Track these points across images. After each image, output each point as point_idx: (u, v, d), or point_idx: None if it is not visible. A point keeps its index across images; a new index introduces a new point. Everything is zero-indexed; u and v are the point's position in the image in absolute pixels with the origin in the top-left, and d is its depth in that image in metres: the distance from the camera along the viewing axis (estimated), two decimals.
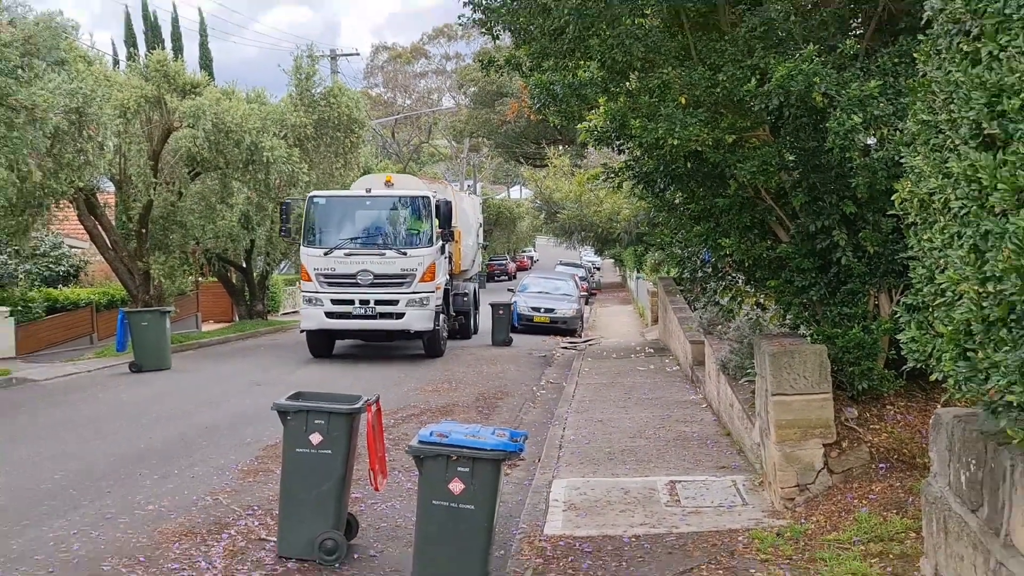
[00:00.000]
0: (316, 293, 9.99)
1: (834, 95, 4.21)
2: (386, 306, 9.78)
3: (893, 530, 3.73)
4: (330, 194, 10.95)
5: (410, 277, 9.86)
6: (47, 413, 7.36)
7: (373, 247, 10.12)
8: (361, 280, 9.79)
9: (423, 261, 9.90)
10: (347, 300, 9.82)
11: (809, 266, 4.73)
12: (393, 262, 9.89)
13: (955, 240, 2.15)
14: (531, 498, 4.59)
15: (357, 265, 9.86)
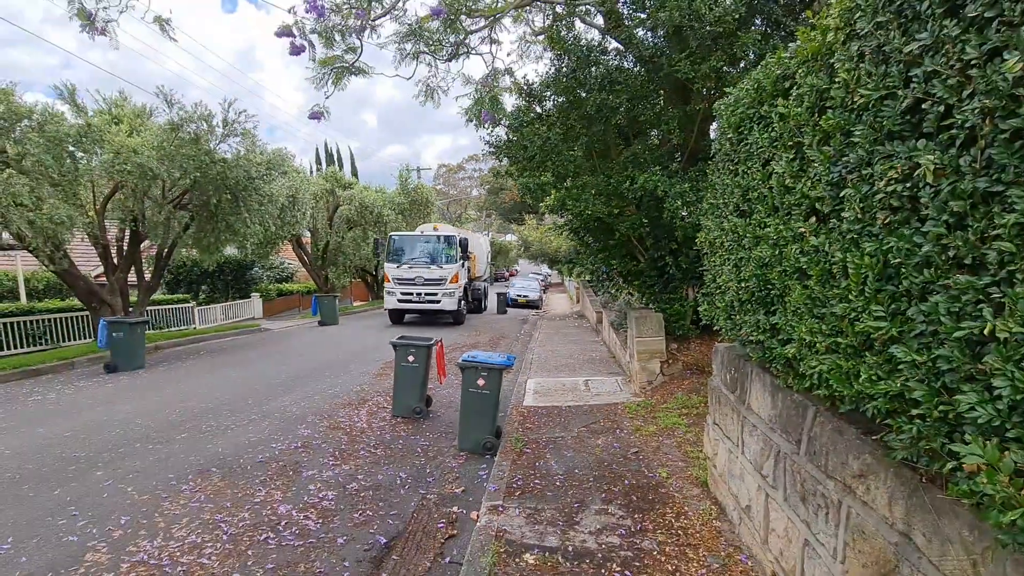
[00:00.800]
0: (392, 288, 16.05)
1: (667, 191, 6.70)
2: (430, 296, 15.68)
3: (693, 403, 6.00)
4: (402, 234, 17.21)
5: (444, 280, 15.79)
6: (275, 346, 12.65)
7: (424, 263, 15.99)
8: (416, 282, 15.81)
9: (451, 271, 15.85)
10: (408, 293, 15.82)
11: (654, 274, 7.85)
12: (435, 271, 15.82)
13: (726, 262, 3.21)
14: (516, 388, 7.43)
15: (415, 273, 15.86)
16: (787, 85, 2.53)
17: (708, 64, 6.46)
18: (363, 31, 7.49)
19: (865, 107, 1.80)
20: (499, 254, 56.08)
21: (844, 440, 2.17)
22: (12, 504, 4.05)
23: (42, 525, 3.73)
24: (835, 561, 2.21)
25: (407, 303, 15.89)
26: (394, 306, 16.16)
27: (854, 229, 1.86)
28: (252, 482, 4.48)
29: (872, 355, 1.78)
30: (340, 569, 3.24)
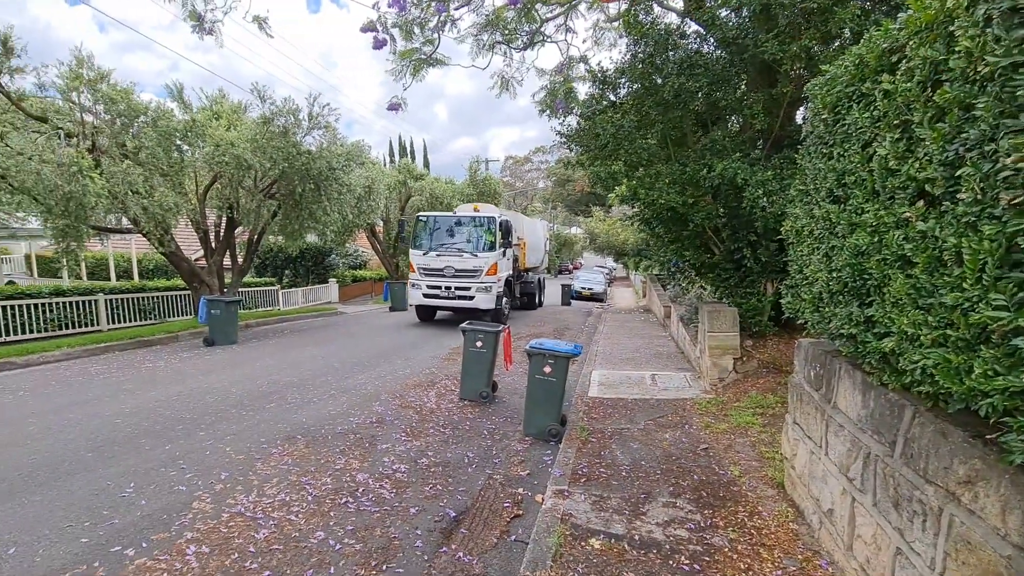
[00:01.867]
0: (418, 280, 13.37)
1: (748, 179, 6.34)
2: (462, 291, 12.92)
3: (769, 402, 5.73)
4: (430, 214, 14.15)
5: (479, 272, 12.87)
6: (350, 328, 13.61)
7: (455, 250, 13.16)
8: (446, 273, 13.01)
9: (488, 261, 12.95)
10: (436, 286, 13.11)
11: (729, 267, 7.42)
12: (467, 261, 12.92)
13: (815, 251, 3.03)
14: (581, 379, 7.42)
15: (444, 262, 13.03)
16: (894, 59, 2.33)
17: (798, 43, 6.06)
18: (443, 25, 7.67)
19: (991, 77, 1.64)
20: (564, 246, 56.39)
21: (948, 442, 2.00)
22: (133, 455, 4.60)
23: (157, 475, 4.20)
24: (933, 572, 2.05)
25: (434, 298, 13.37)
26: (419, 301, 13.57)
27: (971, 211, 1.70)
28: (333, 450, 4.80)
29: (989, 348, 1.63)
30: (413, 537, 3.41)
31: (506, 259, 14.04)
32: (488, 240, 13.32)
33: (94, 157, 9.68)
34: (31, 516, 3.53)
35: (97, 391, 6.76)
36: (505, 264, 14.02)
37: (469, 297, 13.02)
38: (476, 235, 13.48)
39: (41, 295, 10.60)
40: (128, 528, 3.41)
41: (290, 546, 3.24)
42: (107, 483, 4.03)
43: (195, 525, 3.45)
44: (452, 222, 13.80)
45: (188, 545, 3.22)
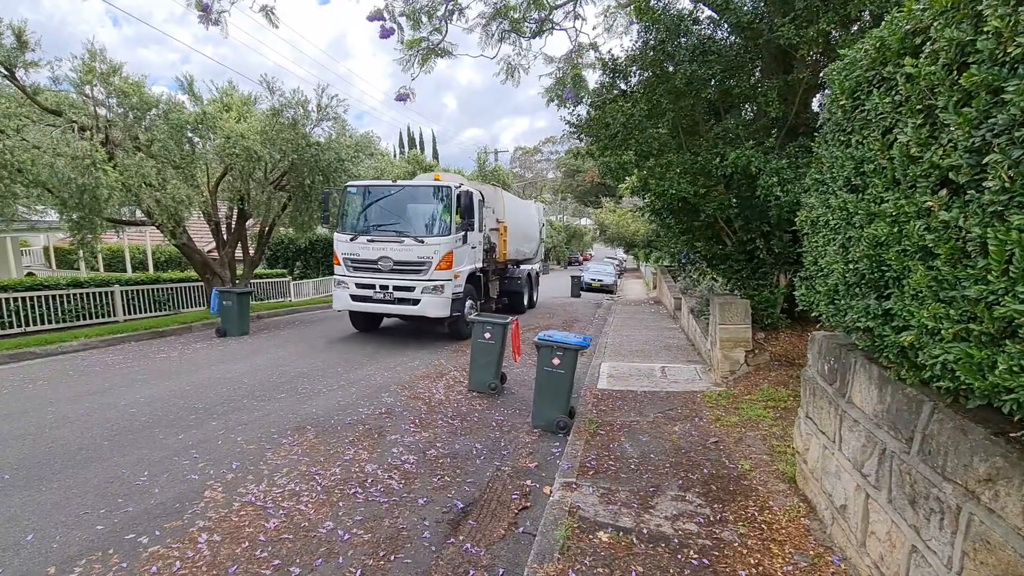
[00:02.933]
0: (344, 277, 9.86)
1: (761, 168, 6.25)
2: (403, 292, 9.47)
3: (781, 396, 5.64)
4: (362, 183, 10.44)
5: (426, 265, 9.38)
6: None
7: (393, 235, 9.68)
8: (382, 266, 9.59)
9: (439, 249, 9.40)
10: (369, 284, 9.65)
11: (742, 259, 7.33)
12: (410, 250, 9.44)
13: (831, 242, 2.96)
14: (590, 371, 7.39)
15: (379, 251, 9.60)
16: (918, 41, 2.24)
17: (816, 27, 5.89)
18: (451, 14, 7.58)
19: (1022, 58, 1.56)
20: (574, 238, 56.22)
21: (969, 440, 1.94)
22: (147, 444, 4.66)
23: (170, 464, 4.26)
24: (949, 571, 2.00)
25: (365, 302, 9.78)
26: (346, 305, 9.97)
27: (999, 200, 1.63)
28: (342, 441, 4.83)
29: (1015, 343, 1.56)
30: (421, 528, 3.42)
31: (469, 247, 10.49)
32: (441, 220, 9.69)
33: (107, 150, 9.77)
34: (49, 503, 3.59)
35: (113, 381, 6.86)
36: (468, 254, 10.46)
37: (412, 301, 9.51)
38: (424, 213, 9.88)
39: (59, 287, 10.77)
40: (142, 516, 3.46)
41: (300, 535, 3.27)
42: (122, 471, 4.09)
43: (207, 514, 3.49)
44: (391, 195, 10.14)
45: (200, 533, 3.25)
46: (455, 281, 9.84)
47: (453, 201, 9.79)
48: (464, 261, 10.33)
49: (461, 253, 10.13)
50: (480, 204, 11.05)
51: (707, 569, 2.84)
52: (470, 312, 10.45)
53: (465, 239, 10.18)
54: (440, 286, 9.57)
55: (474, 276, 11.02)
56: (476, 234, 10.90)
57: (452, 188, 9.79)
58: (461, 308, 10.15)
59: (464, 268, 10.31)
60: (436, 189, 9.94)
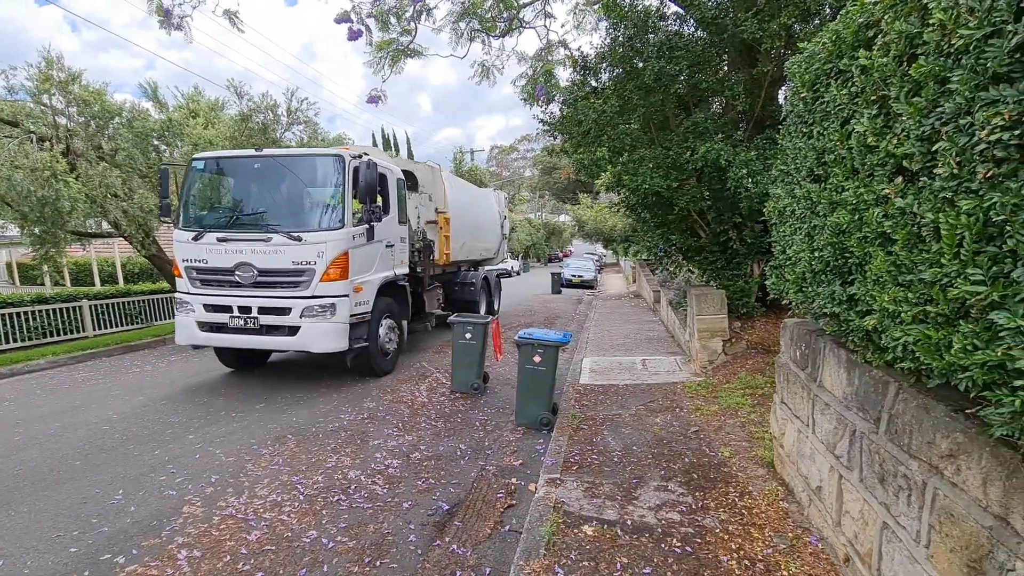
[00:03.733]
0: (188, 296, 6.69)
1: (731, 160, 6.48)
2: (273, 316, 6.45)
3: (758, 383, 5.79)
4: (212, 154, 7.43)
5: (307, 274, 6.38)
6: None
7: (256, 230, 6.56)
8: (241, 277, 6.47)
9: (327, 250, 6.36)
10: (222, 307, 6.57)
11: (716, 250, 7.51)
12: (282, 252, 6.38)
13: (797, 231, 3.04)
14: (572, 367, 7.41)
15: (235, 256, 6.47)
16: (870, 34, 2.31)
17: (778, 21, 6.03)
18: (419, 15, 7.53)
19: (965, 49, 1.62)
20: (553, 235, 56.52)
21: (931, 418, 2.02)
22: (121, 461, 4.54)
23: (146, 480, 4.15)
24: (918, 545, 2.08)
25: (218, 332, 6.74)
26: (188, 339, 6.85)
27: (948, 186, 1.70)
28: (324, 448, 4.77)
29: (968, 323, 1.63)
30: (406, 531, 3.41)
31: (382, 245, 7.34)
32: (331, 207, 6.64)
33: (69, 161, 9.43)
34: (18, 527, 3.47)
35: (83, 398, 6.65)
36: (379, 256, 7.27)
37: (287, 329, 6.51)
38: (303, 198, 6.87)
39: (23, 303, 10.39)
40: (118, 535, 3.37)
41: (282, 546, 3.22)
42: (95, 491, 3.98)
43: (186, 529, 3.42)
44: (251, 168, 7.05)
45: (179, 550, 3.18)
46: (355, 296, 6.65)
47: (347, 178, 6.55)
48: (372, 266, 7.08)
49: (365, 254, 6.89)
50: (400, 186, 7.91)
51: (690, 557, 2.90)
52: (389, 338, 7.57)
53: (371, 234, 6.89)
54: (330, 305, 6.39)
55: (393, 286, 7.76)
56: (394, 226, 7.68)
57: (345, 159, 6.62)
58: (369, 334, 6.92)
59: (372, 276, 7.07)
60: (320, 161, 6.81)
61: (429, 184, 9.77)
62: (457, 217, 10.54)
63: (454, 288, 11.29)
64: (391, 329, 7.70)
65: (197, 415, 5.79)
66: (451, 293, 11.17)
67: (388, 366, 7.64)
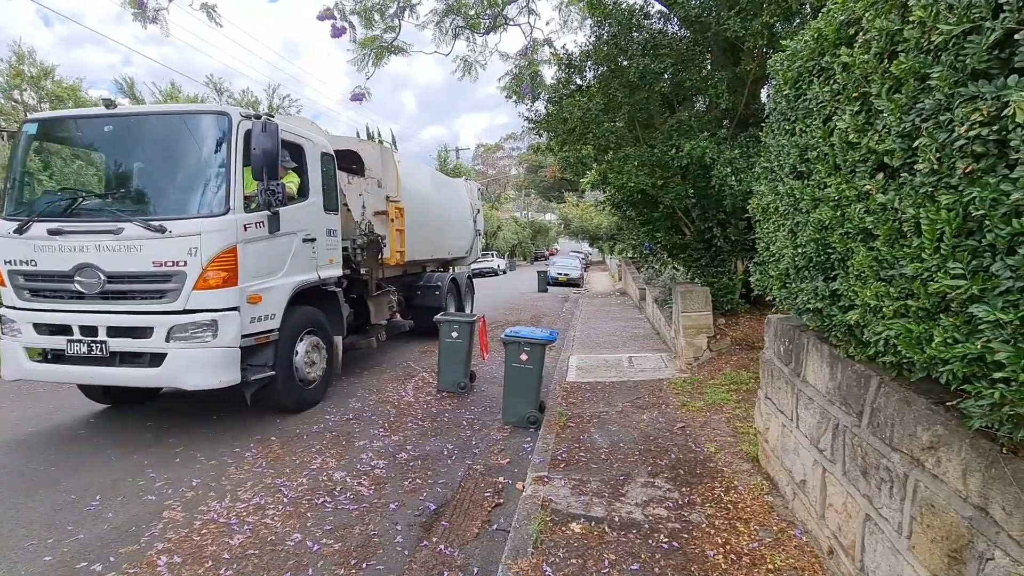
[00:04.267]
0: (12, 313, 4.92)
1: (715, 158, 6.45)
2: (128, 339, 4.68)
3: (742, 378, 5.82)
4: (50, 114, 5.82)
5: (175, 279, 4.59)
6: None
7: (103, 218, 4.77)
8: (82, 285, 4.68)
9: (203, 244, 4.58)
10: (58, 326, 4.79)
11: (700, 247, 7.58)
12: (138, 248, 4.58)
13: (781, 228, 3.08)
14: (559, 364, 7.42)
15: (75, 255, 4.67)
16: (852, 32, 2.33)
17: (760, 20, 6.08)
18: (403, 11, 7.47)
19: (944, 46, 1.64)
20: (539, 233, 56.68)
21: (912, 411, 2.05)
22: (99, 466, 4.42)
23: (124, 485, 4.05)
24: (900, 536, 2.11)
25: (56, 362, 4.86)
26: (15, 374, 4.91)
27: (929, 182, 1.71)
28: (309, 450, 4.71)
29: (948, 316, 1.65)
30: (393, 532, 3.37)
31: (289, 240, 5.49)
32: (211, 184, 4.86)
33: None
34: None
35: (57, 402, 6.47)
36: (282, 252, 5.42)
37: (149, 357, 4.72)
38: (171, 171, 5.07)
39: None
40: (94, 543, 3.28)
41: (266, 550, 3.17)
42: (71, 497, 3.87)
43: (166, 535, 3.34)
44: (104, 138, 5.28)
45: (159, 556, 3.11)
46: (251, 309, 4.89)
47: (235, 145, 4.76)
48: (279, 266, 5.30)
49: (267, 251, 5.12)
50: (326, 163, 6.15)
51: (677, 552, 2.91)
52: (311, 361, 5.73)
53: (274, 223, 5.08)
54: (209, 323, 4.61)
55: (318, 293, 6.04)
56: (316, 214, 5.86)
57: (231, 118, 4.85)
58: (278, 359, 5.20)
59: (280, 280, 5.28)
60: (195, 121, 4.99)
61: (378, 167, 8.05)
62: (415, 208, 8.76)
63: (416, 292, 9.59)
64: (315, 349, 5.83)
65: (178, 417, 5.67)
66: (412, 298, 9.53)
67: (313, 396, 5.82)
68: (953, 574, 1.78)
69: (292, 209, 5.43)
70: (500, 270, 36.26)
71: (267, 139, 4.75)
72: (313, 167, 5.95)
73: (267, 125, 4.78)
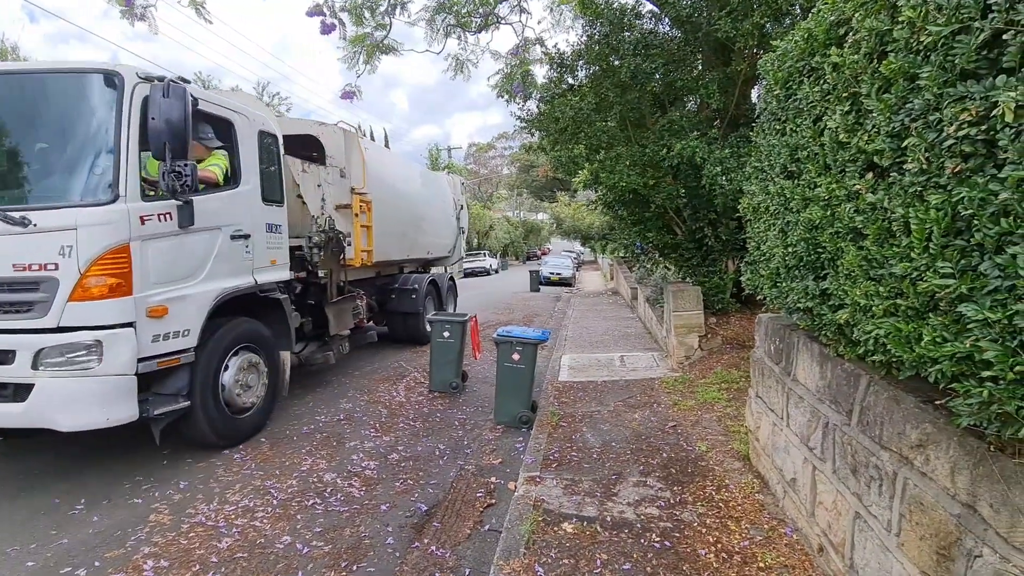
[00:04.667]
0: None
1: (706, 158, 6.43)
2: None
3: (733, 377, 5.83)
4: None
5: (45, 286, 3.56)
6: None
7: None
8: None
9: (80, 241, 3.55)
10: None
11: (691, 247, 7.64)
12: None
13: (771, 227, 3.09)
14: (551, 364, 7.39)
15: None
16: (842, 32, 2.35)
17: (751, 21, 6.11)
18: (394, 9, 7.43)
19: (933, 46, 1.64)
20: (531, 233, 56.69)
21: (901, 409, 2.06)
22: (84, 469, 4.34)
23: (110, 489, 3.99)
24: (889, 534, 2.12)
25: None
26: None
27: (918, 182, 1.72)
28: (299, 451, 4.66)
29: (937, 316, 1.66)
30: (384, 534, 3.34)
31: (211, 236, 4.45)
32: (87, 163, 3.80)
33: None
34: None
35: None
36: (200, 252, 4.35)
37: (12, 389, 3.62)
38: (36, 148, 3.93)
39: None
40: (78, 547, 3.22)
41: (255, 553, 3.13)
42: (54, 501, 3.80)
43: (152, 539, 3.29)
44: None
45: (145, 560, 3.06)
46: (153, 325, 3.93)
47: (128, 112, 3.82)
48: (197, 269, 4.32)
49: (177, 251, 4.15)
50: (268, 144, 5.18)
51: (669, 551, 2.91)
52: (245, 385, 4.76)
53: (187, 215, 4.10)
54: (91, 345, 3.65)
55: (259, 303, 5.14)
56: (253, 205, 4.92)
57: (123, 79, 3.85)
58: (195, 385, 4.25)
59: (196, 287, 4.29)
60: (74, 81, 3.98)
61: (340, 155, 6.97)
62: (386, 202, 7.80)
63: (390, 296, 8.64)
64: (251, 369, 4.80)
65: None
66: (387, 302, 8.63)
67: (248, 425, 4.82)
68: (942, 571, 1.79)
69: (216, 198, 4.45)
70: (492, 269, 36.24)
71: (172, 107, 3.70)
72: (247, 148, 4.89)
73: (171, 89, 3.72)
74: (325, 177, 6.73)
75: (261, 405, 5.00)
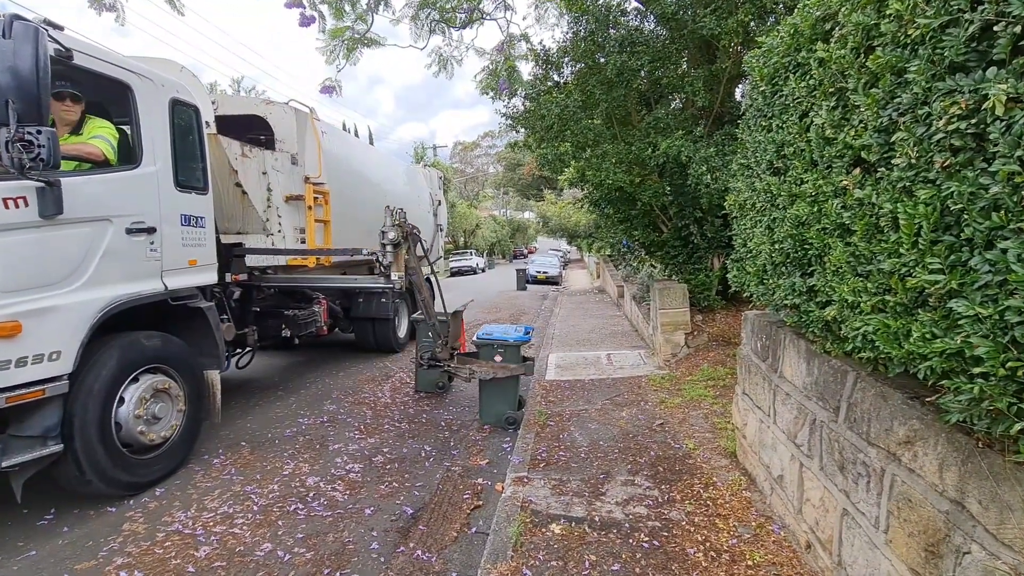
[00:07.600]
0: None
1: (691, 156, 6.53)
2: None
3: (720, 374, 5.87)
4: None
5: None
6: None
7: None
8: None
9: None
10: None
11: (678, 244, 7.70)
12: None
13: (758, 224, 3.09)
14: (539, 362, 7.24)
15: None
16: (828, 27, 2.33)
17: (735, 18, 6.13)
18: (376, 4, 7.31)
19: (922, 39, 1.63)
20: (518, 231, 56.74)
21: (889, 405, 2.05)
22: None
23: (82, 496, 3.84)
24: (877, 531, 2.11)
25: None
26: None
27: (906, 176, 1.71)
28: (281, 455, 4.56)
29: (926, 312, 1.65)
30: (368, 539, 3.27)
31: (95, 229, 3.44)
32: None
33: None
34: None
35: None
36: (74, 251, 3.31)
37: None
38: None
39: None
40: (48, 559, 3.10)
41: (234, 562, 3.03)
42: (22, 511, 3.65)
43: (126, 548, 3.17)
44: None
45: (118, 572, 2.95)
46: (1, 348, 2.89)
47: None
48: (67, 273, 3.29)
49: (31, 248, 3.09)
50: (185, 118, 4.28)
51: (658, 551, 2.89)
52: (154, 422, 3.91)
53: (51, 202, 3.08)
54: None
55: (176, 313, 4.25)
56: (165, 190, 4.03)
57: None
58: (76, 423, 3.36)
59: (65, 297, 3.26)
60: None
61: (292, 139, 6.12)
62: (346, 194, 6.92)
63: (357, 301, 7.79)
64: (161, 396, 3.95)
65: None
66: (352, 308, 7.85)
67: (158, 468, 3.96)
68: (930, 568, 1.78)
69: (101, 180, 3.53)
70: (479, 269, 36.14)
71: (20, 52, 2.77)
72: (153, 119, 3.95)
73: (15, 28, 2.79)
74: (273, 163, 5.77)
75: (178, 438, 4.08)
